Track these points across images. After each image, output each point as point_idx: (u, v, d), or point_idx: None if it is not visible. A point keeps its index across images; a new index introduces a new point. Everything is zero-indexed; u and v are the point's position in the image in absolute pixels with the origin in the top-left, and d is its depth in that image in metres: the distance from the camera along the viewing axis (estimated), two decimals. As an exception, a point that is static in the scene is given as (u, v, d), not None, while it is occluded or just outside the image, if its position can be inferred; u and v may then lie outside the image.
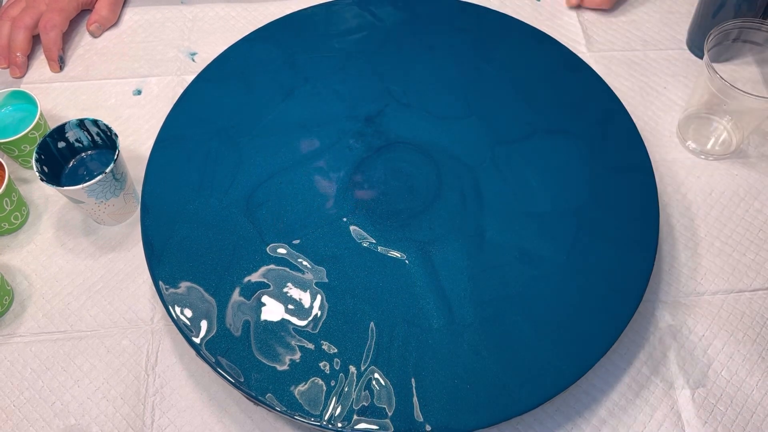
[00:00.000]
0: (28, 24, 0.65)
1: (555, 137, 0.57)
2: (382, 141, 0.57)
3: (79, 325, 0.52)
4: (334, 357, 0.47)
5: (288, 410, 0.44)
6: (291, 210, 0.53)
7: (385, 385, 0.46)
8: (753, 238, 0.57)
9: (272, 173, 0.55)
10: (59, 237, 0.57)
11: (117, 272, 0.55)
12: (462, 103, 0.60)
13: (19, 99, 0.59)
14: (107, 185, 0.52)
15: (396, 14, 0.65)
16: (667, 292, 0.54)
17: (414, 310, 0.49)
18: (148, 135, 0.62)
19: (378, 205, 0.54)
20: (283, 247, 0.51)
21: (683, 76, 0.67)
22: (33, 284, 0.54)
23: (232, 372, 0.46)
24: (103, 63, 0.68)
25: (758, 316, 0.53)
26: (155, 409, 0.49)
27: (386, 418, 0.44)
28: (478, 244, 0.52)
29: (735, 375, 0.51)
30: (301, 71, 0.61)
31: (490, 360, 0.47)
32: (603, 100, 0.59)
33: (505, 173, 0.55)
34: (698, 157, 0.61)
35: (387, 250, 0.51)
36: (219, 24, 0.71)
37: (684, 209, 0.58)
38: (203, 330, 0.47)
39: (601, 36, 0.70)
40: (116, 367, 0.51)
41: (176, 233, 0.51)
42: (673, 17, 0.71)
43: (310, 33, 0.64)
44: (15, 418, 0.49)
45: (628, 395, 0.50)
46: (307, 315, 0.48)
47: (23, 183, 0.59)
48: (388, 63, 0.62)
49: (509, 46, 0.63)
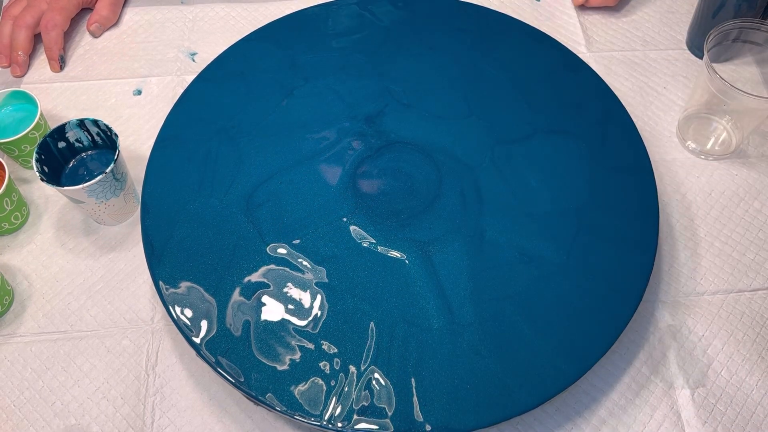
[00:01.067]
0: (30, 23, 0.65)
1: (555, 137, 0.57)
2: (382, 141, 0.57)
3: (79, 325, 0.53)
4: (334, 357, 0.47)
5: (288, 410, 0.44)
6: (291, 210, 0.53)
7: (385, 385, 0.46)
8: (753, 238, 0.57)
9: (272, 173, 0.55)
10: (59, 237, 0.57)
11: (117, 272, 0.55)
12: (462, 103, 0.60)
13: (20, 99, 0.59)
14: (107, 185, 0.52)
15: (396, 14, 0.65)
16: (667, 292, 0.54)
17: (414, 310, 0.49)
18: (148, 135, 0.62)
19: (378, 205, 0.54)
20: (283, 247, 0.51)
21: (683, 76, 0.67)
22: (33, 284, 0.54)
23: (232, 372, 0.46)
24: (104, 63, 0.68)
25: (758, 316, 0.53)
26: (155, 409, 0.49)
27: (386, 417, 0.44)
28: (478, 244, 0.52)
29: (735, 375, 0.51)
30: (301, 71, 0.61)
31: (490, 360, 0.47)
32: (602, 100, 0.59)
33: (506, 173, 0.55)
34: (698, 157, 0.61)
35: (387, 250, 0.52)
36: (219, 24, 0.71)
37: (684, 209, 0.58)
38: (203, 330, 0.47)
39: (601, 36, 0.70)
40: (116, 367, 0.51)
41: (176, 233, 0.52)
42: (673, 17, 0.71)
43: (310, 33, 0.64)
44: (15, 417, 0.49)
45: (628, 395, 0.50)
46: (307, 315, 0.48)
47: (23, 183, 0.60)
48: (388, 63, 0.62)
49: (509, 46, 0.63)
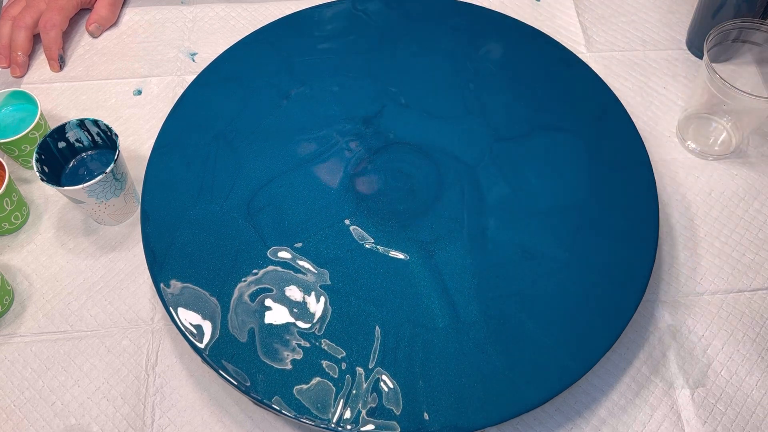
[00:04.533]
0: (29, 23, 0.65)
1: (553, 135, 0.57)
2: (380, 142, 0.57)
3: (79, 324, 0.52)
4: (340, 360, 0.47)
5: (296, 414, 0.44)
6: (292, 213, 0.53)
7: (392, 386, 0.46)
8: (753, 238, 0.57)
9: (272, 177, 0.55)
10: (59, 237, 0.57)
11: (117, 272, 0.55)
12: (460, 102, 0.60)
13: (20, 99, 0.59)
14: (107, 185, 0.52)
15: (391, 15, 0.65)
16: (667, 292, 0.54)
17: (419, 311, 0.49)
18: (148, 135, 0.62)
19: (379, 206, 0.54)
20: (285, 251, 0.51)
21: (683, 76, 0.67)
22: (33, 284, 0.54)
23: (238, 377, 0.46)
24: (104, 63, 0.68)
25: (758, 316, 0.53)
26: (155, 409, 0.49)
27: (394, 419, 0.44)
28: (479, 243, 0.52)
29: (734, 375, 0.51)
30: (298, 74, 0.61)
31: (496, 358, 0.47)
32: (599, 96, 0.59)
33: (505, 171, 0.55)
34: (698, 157, 0.62)
35: (389, 251, 0.52)
36: (219, 24, 0.71)
37: (684, 209, 0.58)
38: (207, 336, 0.47)
39: (601, 36, 0.70)
40: (116, 367, 0.51)
41: (177, 240, 0.51)
42: (673, 17, 0.71)
43: (305, 35, 0.64)
44: (15, 417, 0.49)
45: (628, 395, 0.50)
46: (312, 318, 0.48)
47: (24, 183, 0.59)
48: (384, 64, 0.62)
49: (504, 44, 0.63)
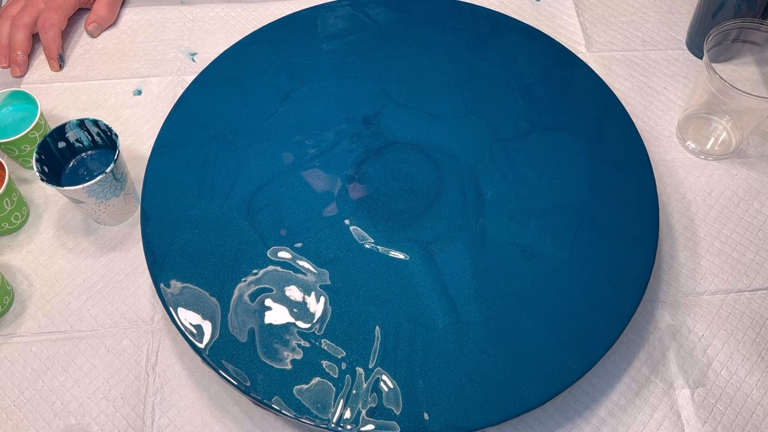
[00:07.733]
0: (28, 23, 0.65)
1: (553, 135, 0.57)
2: (380, 142, 0.57)
3: (79, 324, 0.52)
4: (340, 360, 0.47)
5: (296, 414, 0.44)
6: (292, 213, 0.53)
7: (392, 386, 0.46)
8: (752, 238, 0.57)
9: (272, 177, 0.55)
10: (59, 237, 0.57)
11: (117, 272, 0.55)
12: (459, 102, 0.60)
13: (20, 99, 0.58)
14: (107, 185, 0.52)
15: (391, 15, 0.65)
16: (667, 292, 0.54)
17: (419, 310, 0.49)
18: (148, 135, 0.62)
19: (379, 206, 0.54)
20: (285, 251, 0.51)
21: (683, 76, 0.67)
22: (33, 284, 0.54)
23: (238, 377, 0.46)
24: (104, 63, 0.68)
25: (758, 316, 0.53)
26: (155, 409, 0.49)
27: (394, 419, 0.44)
28: (480, 242, 0.52)
29: (734, 375, 0.51)
30: (298, 74, 0.61)
31: (497, 357, 0.47)
32: (599, 96, 0.59)
33: (505, 171, 0.55)
34: (698, 157, 0.62)
35: (389, 251, 0.52)
36: (219, 24, 0.71)
37: (683, 209, 0.58)
38: (207, 336, 0.47)
39: (601, 36, 0.70)
40: (116, 367, 0.51)
41: (177, 240, 0.51)
42: (673, 17, 0.71)
43: (305, 35, 0.64)
44: (15, 417, 0.49)
45: (628, 395, 0.50)
46: (312, 318, 0.48)
47: (23, 183, 0.59)
48: (384, 64, 0.62)
49: (504, 44, 0.63)
